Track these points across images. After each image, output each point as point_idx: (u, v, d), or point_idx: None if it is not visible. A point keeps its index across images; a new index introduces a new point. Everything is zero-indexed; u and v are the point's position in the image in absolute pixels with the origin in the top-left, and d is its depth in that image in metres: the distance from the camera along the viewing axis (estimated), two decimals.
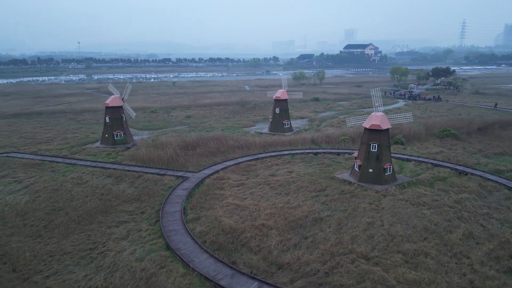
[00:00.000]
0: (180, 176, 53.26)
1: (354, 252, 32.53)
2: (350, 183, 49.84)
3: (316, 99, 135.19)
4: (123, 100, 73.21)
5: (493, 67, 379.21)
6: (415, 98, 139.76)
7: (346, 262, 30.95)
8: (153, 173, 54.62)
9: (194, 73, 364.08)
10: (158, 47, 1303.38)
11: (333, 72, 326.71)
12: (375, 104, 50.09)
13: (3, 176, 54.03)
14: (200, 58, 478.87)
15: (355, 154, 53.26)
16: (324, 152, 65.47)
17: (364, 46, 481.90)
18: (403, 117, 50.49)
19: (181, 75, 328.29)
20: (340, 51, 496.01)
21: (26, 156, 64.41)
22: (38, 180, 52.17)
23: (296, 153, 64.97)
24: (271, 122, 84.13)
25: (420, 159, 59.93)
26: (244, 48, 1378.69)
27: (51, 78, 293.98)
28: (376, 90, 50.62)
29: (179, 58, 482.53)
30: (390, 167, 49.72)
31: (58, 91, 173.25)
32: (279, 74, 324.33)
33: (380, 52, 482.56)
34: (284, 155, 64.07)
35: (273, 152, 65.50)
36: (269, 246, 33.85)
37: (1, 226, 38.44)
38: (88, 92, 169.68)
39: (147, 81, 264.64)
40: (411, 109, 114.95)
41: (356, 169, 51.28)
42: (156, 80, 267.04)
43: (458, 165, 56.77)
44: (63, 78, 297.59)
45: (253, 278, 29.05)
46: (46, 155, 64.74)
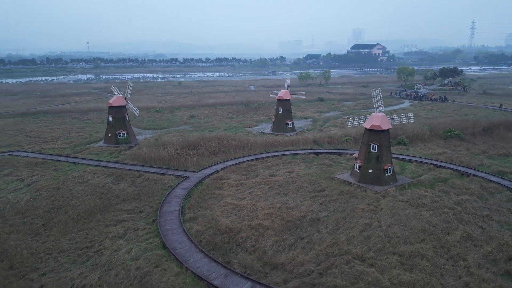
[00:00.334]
0: (180, 175, 53.44)
1: (349, 253, 32.36)
2: (350, 183, 49.58)
3: (321, 99, 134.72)
4: (126, 99, 73.60)
5: (502, 67, 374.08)
6: (421, 98, 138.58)
7: (340, 263, 30.81)
8: (153, 172, 54.89)
9: (201, 73, 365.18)
10: (166, 47, 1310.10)
11: (339, 72, 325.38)
12: (376, 104, 49.78)
13: (6, 174, 54.73)
14: (207, 58, 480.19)
15: (355, 154, 52.97)
16: (326, 153, 65.21)
17: (371, 46, 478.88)
18: (404, 117, 50.09)
19: (188, 75, 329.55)
20: (347, 51, 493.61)
21: (30, 155, 65.17)
22: (40, 178, 52.75)
23: (298, 153, 64.82)
24: (273, 122, 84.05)
25: (422, 160, 59.39)
26: (251, 48, 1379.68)
27: (60, 77, 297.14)
28: (377, 90, 50.30)
29: (186, 58, 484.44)
30: (390, 168, 49.36)
31: (65, 90, 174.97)
32: (286, 74, 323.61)
33: (387, 52, 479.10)
34: (285, 155, 63.95)
35: (274, 152, 65.41)
36: (264, 246, 33.82)
37: (1, 223, 38.94)
38: (95, 92, 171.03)
39: (154, 81, 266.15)
40: (417, 109, 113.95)
41: (356, 169, 50.99)
42: (162, 80, 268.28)
43: (461, 166, 56.16)
44: (71, 77, 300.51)
45: (246, 278, 29.04)
46: (49, 154, 65.44)
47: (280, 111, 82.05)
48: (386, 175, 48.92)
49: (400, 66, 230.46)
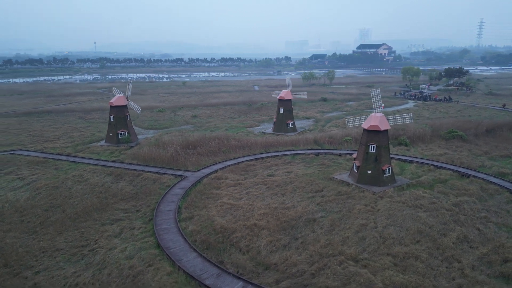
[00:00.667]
0: (179, 175, 53.58)
1: (343, 254, 32.21)
2: (348, 184, 49.37)
3: (324, 99, 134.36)
4: (127, 99, 73.97)
5: (510, 67, 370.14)
6: (426, 98, 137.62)
7: (333, 264, 30.68)
8: (152, 172, 55.11)
9: (206, 73, 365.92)
10: (172, 47, 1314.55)
11: (344, 72, 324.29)
12: (375, 104, 49.52)
13: (7, 173, 55.29)
14: (212, 58, 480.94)
15: (354, 155, 52.75)
16: (326, 153, 65.01)
17: (377, 46, 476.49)
18: (402, 118, 49.81)
19: (193, 75, 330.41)
20: (353, 51, 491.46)
21: (32, 154, 65.77)
22: (40, 177, 53.20)
23: (297, 153, 64.68)
24: (275, 122, 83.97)
25: (422, 161, 58.96)
26: (256, 48, 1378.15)
27: (66, 77, 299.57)
28: (376, 91, 50.05)
29: (191, 58, 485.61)
30: (389, 169, 49.06)
31: (70, 90, 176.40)
32: (291, 74, 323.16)
33: (393, 52, 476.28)
34: (285, 155, 63.85)
35: (274, 152, 65.35)
36: (258, 246, 33.79)
37: None
38: (99, 92, 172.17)
39: (160, 80, 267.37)
40: (420, 110, 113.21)
41: (355, 170, 50.76)
42: (168, 80, 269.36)
43: (461, 167, 55.65)
44: (77, 77, 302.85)
45: (238, 278, 29.04)
46: (50, 153, 66.00)
47: (281, 111, 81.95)
48: (385, 175, 48.64)
49: (405, 66, 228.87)
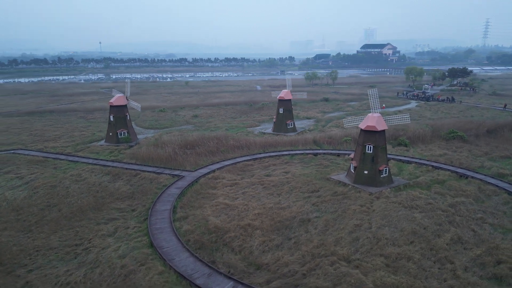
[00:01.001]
0: (176, 175, 53.70)
1: (335, 254, 32.13)
2: (344, 184, 49.22)
3: (325, 99, 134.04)
4: (127, 98, 74.27)
5: None
6: (428, 99, 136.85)
7: (325, 264, 30.61)
8: (150, 171, 55.28)
9: (210, 73, 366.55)
10: (177, 47, 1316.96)
11: (348, 72, 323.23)
12: (372, 105, 49.30)
13: (6, 172, 55.71)
14: (216, 58, 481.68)
15: (351, 155, 52.58)
16: (324, 153, 64.88)
17: (381, 46, 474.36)
18: (400, 118, 49.63)
19: (197, 75, 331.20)
20: (357, 51, 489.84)
21: (32, 153, 66.23)
22: (39, 176, 53.53)
23: (296, 153, 64.60)
24: (274, 122, 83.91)
25: (421, 162, 58.64)
26: (260, 48, 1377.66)
27: (71, 77, 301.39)
28: (373, 91, 49.85)
29: (195, 58, 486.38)
30: (386, 169, 48.85)
31: (73, 90, 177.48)
32: (295, 74, 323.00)
33: (398, 52, 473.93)
34: (283, 155, 63.78)
35: (272, 152, 65.30)
36: (251, 246, 33.79)
37: None
38: (102, 91, 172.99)
39: (163, 80, 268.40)
40: (422, 110, 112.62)
41: (352, 170, 50.59)
42: (171, 80, 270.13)
43: (460, 168, 55.28)
44: (82, 77, 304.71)
45: (229, 278, 29.06)
46: (50, 153, 66.42)
47: (281, 111, 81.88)
48: (381, 176, 48.43)
49: (408, 66, 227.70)
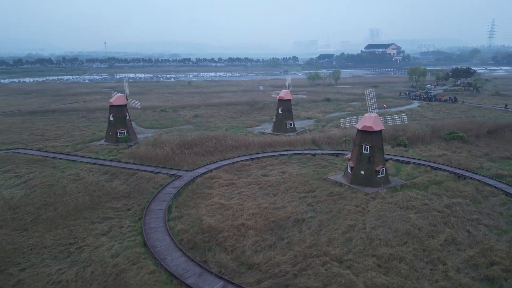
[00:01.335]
0: (173, 174, 53.80)
1: (328, 255, 32.03)
2: (341, 184, 49.08)
3: (327, 100, 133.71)
4: (126, 98, 74.53)
5: None
6: (431, 99, 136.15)
7: (317, 264, 30.53)
8: (147, 171, 55.43)
9: (213, 72, 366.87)
10: (181, 47, 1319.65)
11: (351, 72, 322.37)
12: (370, 105, 49.13)
13: (5, 171, 56.10)
14: (219, 58, 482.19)
15: (348, 155, 52.42)
16: (323, 153, 64.74)
17: (386, 46, 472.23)
18: (397, 118, 49.40)
19: (200, 75, 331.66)
20: (361, 51, 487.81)
21: (32, 152, 66.63)
22: (37, 175, 53.85)
23: (294, 153, 64.50)
24: (274, 122, 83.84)
25: (419, 162, 58.34)
26: (264, 48, 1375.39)
27: (75, 77, 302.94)
28: (371, 91, 49.72)
29: (199, 58, 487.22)
30: (382, 170, 48.65)
31: (76, 89, 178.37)
32: (298, 74, 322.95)
33: (402, 52, 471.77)
34: (281, 155, 63.71)
35: (271, 152, 65.25)
36: (243, 246, 33.78)
37: None
38: (105, 91, 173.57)
39: (166, 80, 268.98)
40: (424, 110, 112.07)
41: (349, 170, 50.45)
42: (174, 80, 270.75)
43: (459, 168, 54.93)
44: (86, 77, 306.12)
45: (219, 278, 29.05)
46: (50, 152, 66.79)
47: (280, 111, 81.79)
48: (378, 176, 48.24)
49: (412, 66, 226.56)
